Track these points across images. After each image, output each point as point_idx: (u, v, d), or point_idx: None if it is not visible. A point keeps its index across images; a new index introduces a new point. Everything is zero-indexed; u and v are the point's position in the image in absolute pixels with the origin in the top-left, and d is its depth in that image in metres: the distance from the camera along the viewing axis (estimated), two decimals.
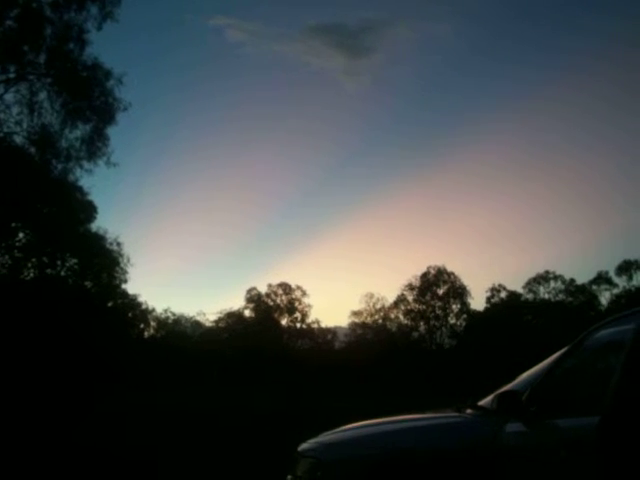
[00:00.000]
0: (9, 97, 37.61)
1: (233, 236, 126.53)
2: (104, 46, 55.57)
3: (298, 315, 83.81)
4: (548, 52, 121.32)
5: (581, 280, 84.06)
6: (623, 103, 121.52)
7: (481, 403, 6.86)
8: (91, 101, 38.84)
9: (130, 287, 66.65)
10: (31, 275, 50.54)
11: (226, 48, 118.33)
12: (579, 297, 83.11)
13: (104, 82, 38.80)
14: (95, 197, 50.61)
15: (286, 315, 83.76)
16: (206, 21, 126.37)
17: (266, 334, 75.71)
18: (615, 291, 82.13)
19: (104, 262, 55.39)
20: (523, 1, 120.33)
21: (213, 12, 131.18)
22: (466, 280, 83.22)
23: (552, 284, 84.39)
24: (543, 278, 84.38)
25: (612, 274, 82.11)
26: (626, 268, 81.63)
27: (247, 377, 61.01)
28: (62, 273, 54.03)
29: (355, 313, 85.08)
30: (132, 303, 67.64)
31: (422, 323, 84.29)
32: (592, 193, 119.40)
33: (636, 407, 5.10)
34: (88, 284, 57.13)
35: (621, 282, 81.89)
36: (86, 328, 46.64)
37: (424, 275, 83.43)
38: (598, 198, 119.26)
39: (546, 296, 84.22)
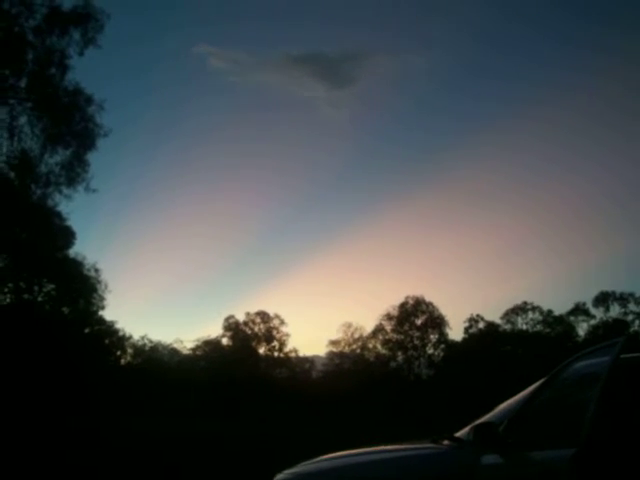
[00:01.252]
0: None
1: (212, 264, 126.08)
2: (86, 71, 55.37)
3: (276, 344, 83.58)
4: (521, 82, 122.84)
5: (559, 311, 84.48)
6: (599, 137, 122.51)
7: (458, 434, 6.85)
8: (71, 126, 38.72)
9: (107, 314, 66.11)
10: (7, 300, 50.20)
11: (209, 76, 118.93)
12: (556, 328, 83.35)
13: (85, 108, 38.73)
14: (74, 223, 50.37)
15: (264, 344, 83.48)
16: (189, 49, 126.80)
17: (244, 363, 75.38)
18: (592, 322, 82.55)
19: (82, 288, 55.08)
20: (498, 33, 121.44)
21: (196, 40, 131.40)
22: (444, 310, 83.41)
23: (530, 315, 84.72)
24: (521, 309, 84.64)
25: (589, 305, 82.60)
26: (603, 299, 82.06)
27: (223, 406, 60.67)
28: (39, 299, 53.72)
29: (333, 342, 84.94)
30: (109, 330, 67.21)
31: (400, 353, 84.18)
32: (570, 225, 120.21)
33: (610, 440, 5.11)
34: (65, 310, 56.76)
35: (598, 313, 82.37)
36: (62, 354, 46.26)
37: (402, 305, 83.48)
38: (576, 230, 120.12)
39: (524, 327, 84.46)
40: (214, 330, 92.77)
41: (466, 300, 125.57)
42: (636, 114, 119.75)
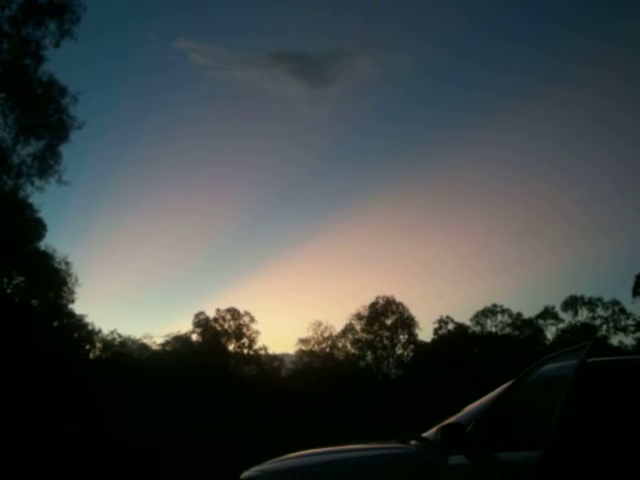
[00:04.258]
0: None
1: (183, 259, 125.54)
2: (61, 63, 55.16)
3: (245, 341, 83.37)
4: (505, 92, 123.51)
5: (528, 314, 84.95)
6: (567, 144, 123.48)
7: (425, 435, 6.88)
8: (45, 118, 38.47)
9: (77, 307, 65.61)
10: None
11: (188, 71, 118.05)
12: (525, 331, 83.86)
13: (59, 99, 38.49)
14: (45, 215, 50.04)
15: (233, 340, 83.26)
16: (169, 43, 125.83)
17: (213, 359, 75.14)
18: (561, 326, 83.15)
19: (51, 281, 54.67)
20: (485, 30, 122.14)
21: (177, 35, 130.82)
22: (414, 311, 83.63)
23: (499, 317, 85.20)
24: (490, 311, 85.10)
25: (558, 309, 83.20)
26: (572, 303, 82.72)
27: (192, 401, 60.46)
28: (8, 291, 53.24)
29: (303, 341, 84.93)
30: (78, 323, 66.65)
31: (369, 353, 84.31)
32: (540, 229, 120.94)
33: (576, 442, 5.16)
34: (34, 303, 56.30)
35: (567, 317, 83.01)
36: (30, 347, 45.90)
37: (373, 305, 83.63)
38: (546, 234, 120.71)
39: (493, 329, 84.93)
40: (184, 326, 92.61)
41: (436, 301, 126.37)
42: (605, 122, 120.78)
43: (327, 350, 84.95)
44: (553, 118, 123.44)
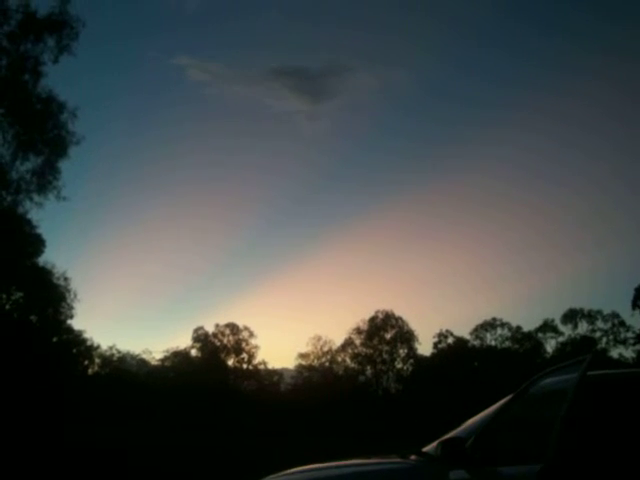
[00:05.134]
0: None
1: (182, 275, 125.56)
2: (60, 79, 55.30)
3: (245, 356, 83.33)
4: (503, 106, 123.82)
5: (527, 327, 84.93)
6: (565, 158, 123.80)
7: (425, 449, 6.85)
8: (44, 133, 38.48)
9: (76, 323, 65.58)
10: None
11: (187, 87, 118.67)
12: (525, 344, 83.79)
13: (58, 115, 38.52)
14: (44, 231, 50.12)
15: (233, 355, 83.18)
16: (168, 59, 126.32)
17: (212, 374, 75.02)
18: (560, 339, 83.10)
19: (50, 297, 54.64)
20: (483, 44, 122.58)
21: (176, 51, 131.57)
22: (414, 325, 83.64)
23: (499, 331, 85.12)
24: (490, 325, 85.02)
25: (558, 322, 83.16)
26: (571, 316, 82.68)
27: (192, 416, 60.33)
28: (7, 306, 53.21)
29: (302, 355, 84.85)
30: (77, 339, 66.61)
31: (369, 367, 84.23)
32: (539, 242, 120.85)
33: (576, 456, 5.14)
34: (33, 318, 56.26)
35: (566, 330, 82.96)
36: (29, 363, 45.82)
37: (372, 319, 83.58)
38: (545, 247, 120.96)
39: (493, 343, 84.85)
40: (183, 341, 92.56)
41: (435, 315, 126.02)
42: (604, 135, 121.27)
43: (326, 365, 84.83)
44: (552, 132, 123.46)
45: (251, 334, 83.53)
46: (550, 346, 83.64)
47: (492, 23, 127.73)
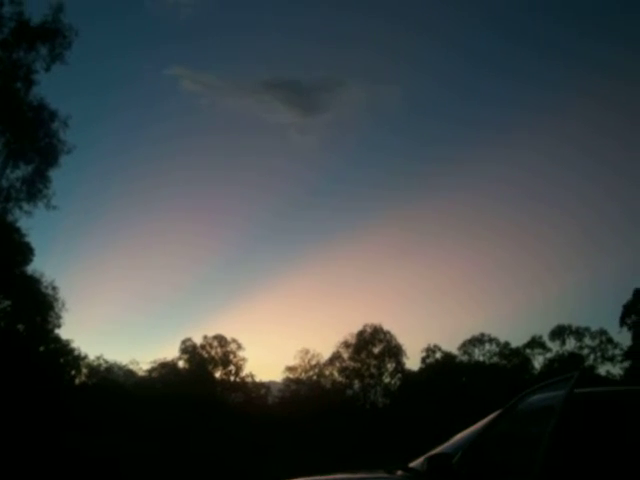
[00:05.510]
0: None
1: (170, 286, 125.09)
2: (52, 88, 55.10)
3: (232, 368, 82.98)
4: (492, 125, 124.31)
5: (515, 343, 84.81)
6: (553, 175, 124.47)
7: (412, 465, 6.84)
8: (35, 142, 38.48)
9: (64, 332, 65.11)
10: None
11: (179, 98, 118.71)
12: (513, 360, 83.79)
13: (49, 123, 38.56)
14: (33, 239, 49.87)
15: (220, 367, 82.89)
16: (161, 70, 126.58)
17: (199, 386, 74.78)
18: (548, 355, 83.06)
19: (38, 306, 54.42)
20: (472, 62, 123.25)
21: (169, 62, 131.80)
22: (402, 339, 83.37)
23: (487, 346, 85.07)
24: (478, 340, 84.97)
25: (546, 338, 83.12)
26: (559, 333, 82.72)
27: (178, 428, 60.15)
28: None
29: (290, 368, 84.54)
30: (64, 349, 66.32)
31: (356, 381, 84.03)
32: (527, 258, 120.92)
33: (563, 473, 5.14)
34: (20, 327, 56.02)
35: (554, 346, 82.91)
36: (15, 371, 45.61)
37: (360, 333, 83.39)
38: (533, 263, 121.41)
39: (481, 358, 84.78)
40: (170, 352, 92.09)
41: (424, 330, 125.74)
42: (591, 153, 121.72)
43: (314, 378, 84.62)
44: (541, 151, 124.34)
45: (239, 346, 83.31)
46: (538, 362, 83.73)
47: (482, 42, 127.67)
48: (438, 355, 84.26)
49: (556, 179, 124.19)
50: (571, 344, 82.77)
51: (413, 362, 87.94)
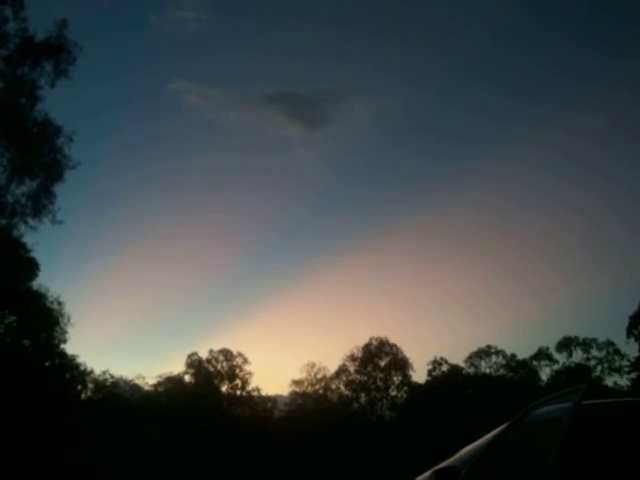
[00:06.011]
0: None
1: (176, 300, 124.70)
2: (57, 103, 55.33)
3: (238, 382, 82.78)
4: (489, 140, 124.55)
5: (522, 355, 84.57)
6: (553, 187, 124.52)
7: (419, 478, 6.81)
8: (40, 157, 38.51)
9: (69, 347, 65.13)
10: None
11: (183, 112, 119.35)
12: (520, 372, 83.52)
13: (54, 139, 38.56)
14: (38, 254, 49.92)
15: (226, 382, 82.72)
16: (165, 84, 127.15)
17: (206, 400, 74.67)
18: (555, 367, 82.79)
19: (44, 321, 54.42)
20: (474, 74, 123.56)
21: (173, 76, 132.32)
22: (408, 352, 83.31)
23: (493, 359, 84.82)
24: (485, 352, 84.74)
25: (552, 350, 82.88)
26: (566, 344, 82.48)
27: (185, 442, 60.06)
28: (0, 330, 52.97)
29: (296, 382, 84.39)
30: (70, 364, 66.27)
31: (363, 394, 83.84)
32: (534, 270, 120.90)
33: None
34: (26, 342, 56.02)
35: (561, 358, 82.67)
36: (22, 387, 45.58)
37: (366, 346, 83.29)
38: (540, 275, 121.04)
39: (487, 370, 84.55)
40: (176, 367, 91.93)
41: (430, 342, 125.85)
42: (588, 163, 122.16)
43: (320, 392, 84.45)
44: (543, 162, 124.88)
45: (245, 360, 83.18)
46: (545, 374, 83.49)
47: (484, 57, 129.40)
48: (444, 368, 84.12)
49: (561, 191, 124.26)
50: (578, 355, 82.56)
51: (419, 375, 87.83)
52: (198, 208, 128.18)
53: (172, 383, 79.89)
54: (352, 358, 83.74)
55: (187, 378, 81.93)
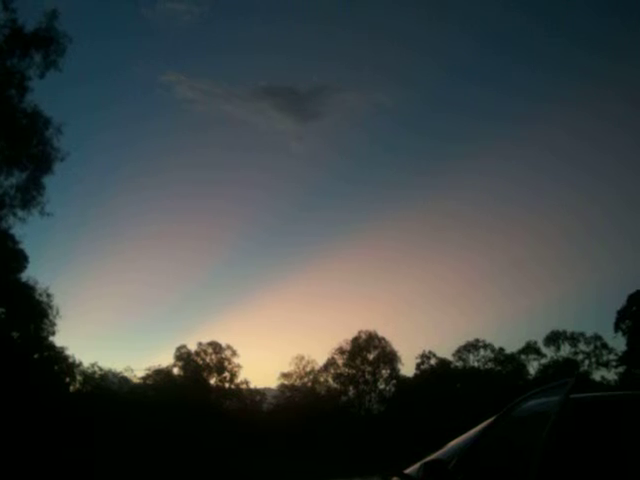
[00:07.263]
0: None
1: (164, 293, 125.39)
2: (46, 95, 55.18)
3: (227, 375, 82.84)
4: (478, 136, 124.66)
5: (510, 349, 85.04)
6: (542, 185, 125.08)
7: (407, 471, 6.81)
8: (29, 149, 38.34)
9: (58, 339, 64.90)
10: None
11: (174, 104, 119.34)
12: (508, 366, 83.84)
13: (43, 130, 38.40)
14: (27, 246, 49.77)
15: (215, 374, 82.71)
16: (156, 76, 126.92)
17: (194, 393, 74.60)
18: (543, 361, 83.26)
19: (32, 313, 54.20)
20: (465, 72, 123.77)
21: (164, 68, 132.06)
22: (397, 346, 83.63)
23: (482, 352, 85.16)
24: (473, 346, 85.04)
25: (540, 344, 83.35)
26: (554, 339, 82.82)
27: (173, 434, 60.00)
28: None
29: (285, 375, 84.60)
30: (59, 356, 66.03)
31: (351, 387, 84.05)
32: (522, 265, 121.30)
33: (558, 478, 5.13)
34: (14, 334, 55.79)
35: (549, 352, 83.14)
36: (10, 379, 45.45)
37: (355, 339, 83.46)
38: (528, 270, 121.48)
39: (475, 364, 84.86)
40: (165, 359, 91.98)
41: (418, 336, 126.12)
42: (574, 161, 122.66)
43: (309, 385, 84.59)
44: (532, 161, 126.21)
45: (234, 353, 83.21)
46: (532, 368, 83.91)
47: (473, 57, 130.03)
48: (433, 361, 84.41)
49: (551, 189, 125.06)
50: (566, 350, 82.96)
51: (408, 368, 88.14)
52: (188, 200, 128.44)
53: (161, 375, 79.84)
54: (341, 351, 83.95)
55: (176, 371, 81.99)
